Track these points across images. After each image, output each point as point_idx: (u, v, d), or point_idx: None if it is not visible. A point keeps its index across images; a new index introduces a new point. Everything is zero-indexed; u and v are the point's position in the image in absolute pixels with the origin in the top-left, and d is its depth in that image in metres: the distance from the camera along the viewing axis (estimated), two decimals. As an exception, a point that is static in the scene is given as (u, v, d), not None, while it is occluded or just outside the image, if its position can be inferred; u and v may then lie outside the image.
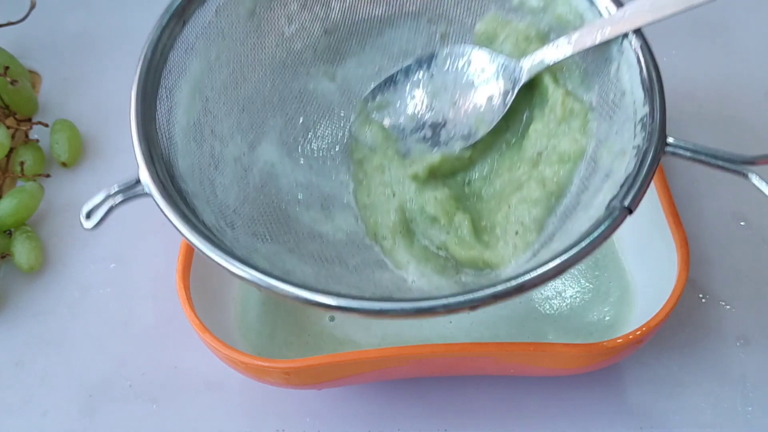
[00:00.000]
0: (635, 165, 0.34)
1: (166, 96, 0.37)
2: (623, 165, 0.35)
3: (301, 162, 0.42)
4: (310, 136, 0.43)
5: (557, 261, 0.32)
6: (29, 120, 0.56)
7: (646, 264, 0.45)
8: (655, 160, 0.34)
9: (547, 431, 0.45)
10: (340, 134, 0.44)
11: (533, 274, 0.32)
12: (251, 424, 0.45)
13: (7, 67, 0.54)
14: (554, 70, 0.41)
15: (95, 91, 0.58)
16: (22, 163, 0.53)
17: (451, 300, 0.32)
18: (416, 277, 0.39)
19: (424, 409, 0.45)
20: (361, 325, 0.45)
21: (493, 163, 0.42)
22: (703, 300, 0.48)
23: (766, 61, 0.58)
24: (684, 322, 0.47)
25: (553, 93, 0.40)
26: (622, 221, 0.33)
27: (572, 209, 0.37)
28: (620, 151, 0.36)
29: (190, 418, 0.46)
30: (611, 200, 0.34)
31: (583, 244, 0.33)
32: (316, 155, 0.43)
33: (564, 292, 0.46)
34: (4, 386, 0.47)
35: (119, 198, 0.35)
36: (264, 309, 0.46)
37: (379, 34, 0.44)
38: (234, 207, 0.38)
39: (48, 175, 0.54)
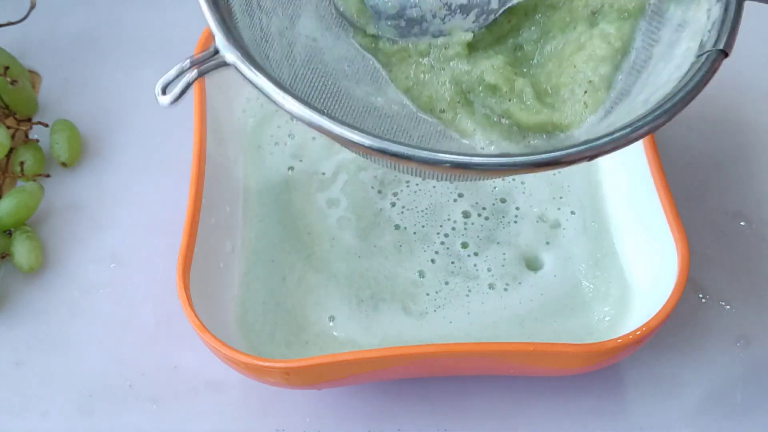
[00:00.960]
0: (721, 9, 0.35)
1: None
2: (701, 14, 0.36)
3: (342, 38, 0.42)
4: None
5: (655, 114, 0.33)
6: (29, 120, 0.56)
7: (646, 264, 0.45)
8: (740, 2, 0.35)
9: (547, 431, 0.45)
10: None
11: (642, 120, 0.33)
12: (251, 424, 0.45)
13: (7, 67, 0.54)
14: None
15: (95, 91, 0.58)
16: (22, 163, 0.53)
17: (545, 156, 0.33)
18: (485, 144, 0.39)
19: (424, 409, 0.45)
20: (362, 325, 0.46)
21: (540, 25, 0.42)
22: (703, 300, 0.48)
23: (766, 61, 0.58)
24: (684, 322, 0.47)
25: None
26: (719, 65, 0.34)
27: (644, 63, 0.38)
28: (692, 0, 0.37)
29: (190, 418, 0.46)
30: (701, 46, 0.35)
31: (685, 90, 0.34)
32: (346, 29, 0.42)
33: (564, 292, 0.46)
34: (4, 386, 0.47)
35: (194, 72, 0.35)
36: (264, 309, 0.46)
37: None
38: (288, 84, 0.38)
39: (48, 175, 0.54)
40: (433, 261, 0.48)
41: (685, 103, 0.34)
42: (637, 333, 0.39)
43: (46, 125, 0.55)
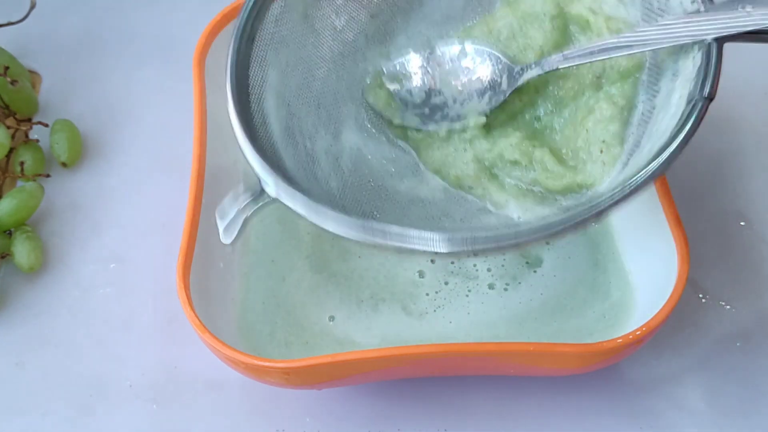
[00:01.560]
0: (702, 56, 0.37)
1: (257, 109, 0.40)
2: (689, 61, 0.38)
3: (383, 140, 0.45)
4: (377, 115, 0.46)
5: (654, 164, 0.35)
6: (29, 120, 0.56)
7: (646, 264, 0.45)
8: (720, 48, 0.37)
9: (547, 431, 0.45)
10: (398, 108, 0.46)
11: (638, 179, 0.35)
12: (251, 424, 0.45)
13: (7, 67, 0.54)
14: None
15: (95, 91, 0.58)
16: (22, 163, 0.53)
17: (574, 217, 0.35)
18: (520, 212, 0.42)
19: (424, 409, 0.45)
20: (362, 325, 0.46)
21: (555, 95, 0.44)
22: (703, 300, 0.48)
23: (766, 61, 0.58)
24: (684, 322, 0.47)
25: (595, 22, 0.42)
26: (706, 110, 0.36)
27: (650, 114, 0.40)
28: (681, 49, 0.38)
29: (190, 418, 0.46)
30: (690, 94, 0.36)
31: (677, 141, 0.35)
32: (385, 132, 0.46)
33: (564, 292, 0.46)
34: (4, 386, 0.47)
35: (250, 209, 0.37)
36: (264, 309, 0.46)
37: (419, 6, 0.46)
38: (338, 194, 0.41)
39: (48, 175, 0.54)
40: (432, 261, 0.48)
41: (679, 151, 0.36)
42: (637, 333, 0.39)
43: (46, 125, 0.55)
